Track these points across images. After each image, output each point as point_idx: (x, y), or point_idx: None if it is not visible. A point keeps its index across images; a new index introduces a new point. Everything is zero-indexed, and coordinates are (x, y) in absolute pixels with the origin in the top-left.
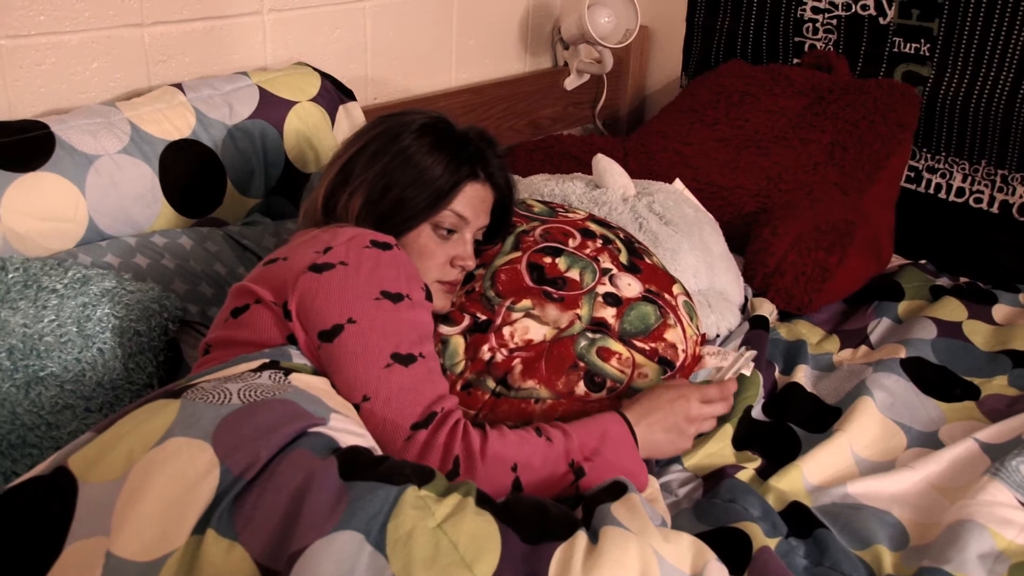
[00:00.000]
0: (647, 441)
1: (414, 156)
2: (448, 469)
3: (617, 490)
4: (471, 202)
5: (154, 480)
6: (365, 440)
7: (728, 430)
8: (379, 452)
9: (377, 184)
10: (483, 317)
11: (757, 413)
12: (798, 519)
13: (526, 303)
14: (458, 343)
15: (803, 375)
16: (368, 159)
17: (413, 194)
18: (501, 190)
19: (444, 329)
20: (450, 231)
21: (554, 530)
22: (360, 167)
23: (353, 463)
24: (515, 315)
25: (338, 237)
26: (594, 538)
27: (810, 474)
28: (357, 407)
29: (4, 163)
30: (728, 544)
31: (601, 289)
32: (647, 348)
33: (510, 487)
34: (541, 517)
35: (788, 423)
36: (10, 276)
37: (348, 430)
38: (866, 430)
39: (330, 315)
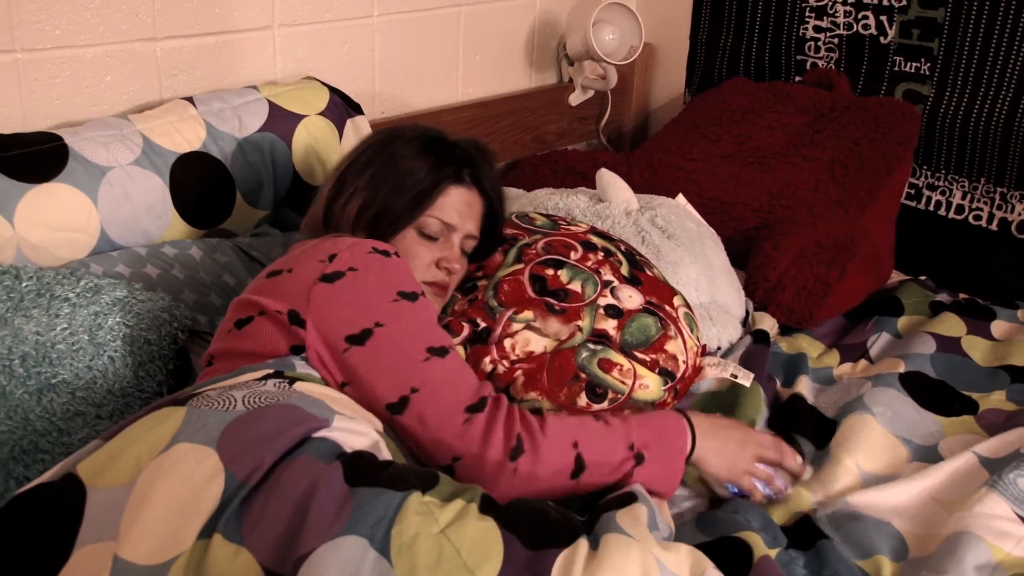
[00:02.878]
0: (699, 457)
1: (401, 160)
2: (512, 445)
3: (625, 499)
4: (455, 207)
5: (161, 485)
6: (368, 439)
7: None
8: (383, 453)
9: (368, 190)
10: (483, 324)
11: (761, 427)
12: (800, 530)
13: (528, 314)
14: (459, 354)
15: (804, 387)
16: (360, 167)
17: (396, 196)
18: (488, 195)
19: None
20: (434, 238)
21: (556, 536)
22: (353, 175)
23: (358, 468)
24: (516, 326)
25: (339, 244)
26: (595, 544)
27: (814, 486)
28: (404, 400)
29: (19, 174)
30: (729, 553)
31: (602, 301)
32: (648, 359)
33: (572, 464)
34: (543, 523)
35: (792, 435)
36: (24, 285)
37: (352, 430)
38: (869, 444)
39: (355, 320)
